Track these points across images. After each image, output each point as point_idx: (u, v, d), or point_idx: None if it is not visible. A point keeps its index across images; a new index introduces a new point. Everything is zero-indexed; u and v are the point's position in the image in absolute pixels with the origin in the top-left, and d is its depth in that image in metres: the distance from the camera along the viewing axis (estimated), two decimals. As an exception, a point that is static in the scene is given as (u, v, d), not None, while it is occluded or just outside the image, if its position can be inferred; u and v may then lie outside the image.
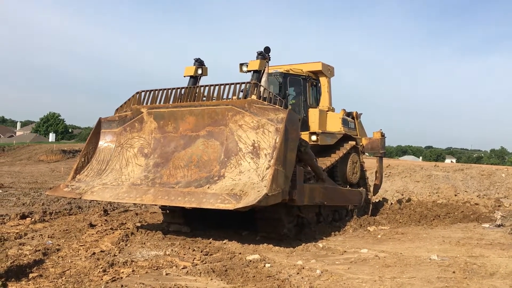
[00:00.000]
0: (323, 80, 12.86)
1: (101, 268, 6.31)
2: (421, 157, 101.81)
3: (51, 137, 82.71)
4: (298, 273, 6.45)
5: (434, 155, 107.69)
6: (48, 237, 8.60)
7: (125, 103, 10.09)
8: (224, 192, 7.87)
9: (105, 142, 10.00)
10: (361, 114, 14.16)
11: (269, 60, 10.23)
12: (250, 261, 7.03)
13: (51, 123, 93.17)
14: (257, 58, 10.05)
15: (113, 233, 9.14)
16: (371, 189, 14.00)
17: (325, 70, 12.82)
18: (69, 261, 6.80)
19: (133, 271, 6.33)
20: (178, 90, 9.75)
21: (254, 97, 8.93)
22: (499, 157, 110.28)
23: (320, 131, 11.61)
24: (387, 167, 16.78)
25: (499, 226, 11.35)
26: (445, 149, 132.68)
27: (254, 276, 6.21)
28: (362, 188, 13.04)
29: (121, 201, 9.11)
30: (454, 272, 6.58)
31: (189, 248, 7.81)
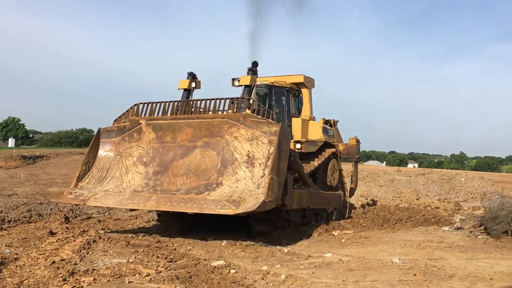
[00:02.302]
0: (304, 91, 13.64)
1: (61, 277, 6.16)
2: (384, 162, 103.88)
3: (11, 142, 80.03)
4: (263, 279, 6.46)
5: (397, 160, 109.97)
6: (6, 246, 8.33)
7: (123, 114, 10.65)
8: (223, 198, 8.47)
9: (104, 151, 10.55)
10: (337, 121, 14.98)
11: (257, 74, 11.01)
12: (215, 267, 7.00)
13: (10, 128, 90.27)
14: (248, 73, 10.80)
15: (74, 241, 8.93)
16: (348, 192, 14.84)
17: (307, 81, 13.62)
18: (28, 270, 6.60)
19: (94, 279, 6.20)
20: (175, 103, 10.32)
21: (248, 111, 9.62)
22: (459, 162, 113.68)
23: (304, 139, 12.34)
24: (350, 172, 17.10)
25: (458, 229, 11.67)
26: (408, 154, 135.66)
27: (218, 283, 6.18)
28: (340, 191, 13.83)
29: (125, 207, 9.81)
30: (415, 274, 6.73)
31: (153, 255, 7.71)
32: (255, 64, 10.98)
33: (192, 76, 11.53)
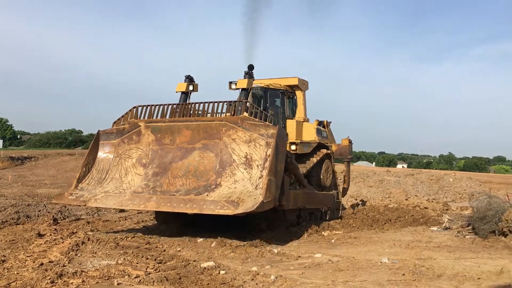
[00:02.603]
0: (298, 94, 13.83)
1: (49, 279, 6.10)
2: (374, 163, 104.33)
3: (-2, 143, 79.30)
4: (252, 279, 6.45)
5: (386, 160, 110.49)
6: (-7, 248, 8.23)
7: (122, 116, 10.76)
8: (222, 199, 8.64)
9: (104, 153, 10.71)
10: (330, 122, 15.28)
11: (253, 77, 11.22)
12: (205, 268, 6.98)
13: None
14: (244, 77, 11.02)
15: (62, 242, 8.84)
16: (340, 191, 15.20)
17: (301, 84, 13.82)
18: (15, 272, 6.53)
19: (83, 281, 6.15)
20: (174, 105, 10.44)
21: (246, 114, 9.82)
22: (447, 162, 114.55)
23: (298, 141, 12.55)
24: (341, 172, 17.23)
25: (446, 229, 11.77)
26: (397, 155, 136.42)
27: (208, 284, 6.17)
28: (333, 191, 14.17)
29: (125, 208, 9.98)
30: (403, 274, 6.78)
31: (143, 257, 7.67)
32: (251, 67, 11.17)
33: (189, 79, 11.66)
